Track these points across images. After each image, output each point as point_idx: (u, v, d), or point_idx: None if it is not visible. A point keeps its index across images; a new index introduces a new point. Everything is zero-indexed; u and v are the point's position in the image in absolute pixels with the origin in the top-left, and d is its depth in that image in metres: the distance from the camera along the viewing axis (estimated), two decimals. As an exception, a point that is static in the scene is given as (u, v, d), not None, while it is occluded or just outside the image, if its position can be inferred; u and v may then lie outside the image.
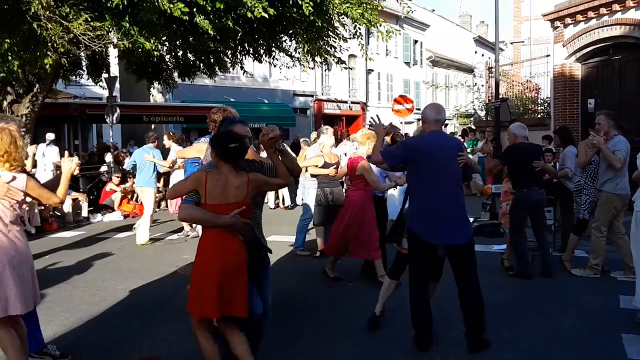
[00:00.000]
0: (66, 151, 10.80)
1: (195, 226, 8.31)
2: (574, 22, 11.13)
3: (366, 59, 12.97)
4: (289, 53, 10.92)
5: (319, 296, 5.45)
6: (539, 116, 14.07)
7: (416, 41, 33.93)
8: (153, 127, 17.71)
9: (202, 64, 11.57)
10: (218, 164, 3.10)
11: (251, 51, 10.97)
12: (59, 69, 9.55)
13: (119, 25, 7.20)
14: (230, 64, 11.70)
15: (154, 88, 15.12)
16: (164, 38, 8.41)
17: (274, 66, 11.76)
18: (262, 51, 10.89)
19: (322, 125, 10.61)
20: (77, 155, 11.79)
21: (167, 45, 9.46)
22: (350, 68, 23.05)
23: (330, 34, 10.00)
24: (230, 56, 11.25)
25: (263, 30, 9.42)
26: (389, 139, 6.02)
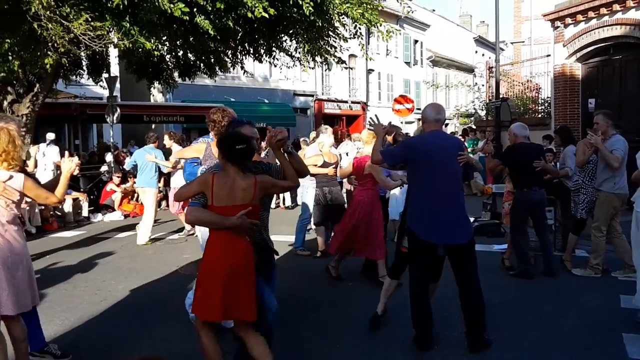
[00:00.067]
0: (66, 151, 10.83)
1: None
2: (574, 22, 11.12)
3: (366, 58, 12.96)
4: (290, 53, 10.91)
5: (319, 296, 5.45)
6: (539, 116, 14.06)
7: (416, 41, 33.92)
8: (153, 127, 17.71)
9: (202, 64, 11.57)
10: (225, 166, 3.07)
11: (251, 51, 10.96)
12: (59, 68, 9.55)
13: (120, 25, 7.20)
14: (230, 64, 11.69)
15: (154, 88, 15.10)
16: (164, 38, 8.41)
17: (275, 66, 11.73)
18: (262, 51, 10.87)
19: (321, 125, 10.60)
20: (78, 155, 11.83)
21: (168, 45, 9.45)
22: (350, 68, 23.02)
23: (330, 33, 9.99)
24: (230, 56, 11.24)
25: (263, 30, 9.42)
26: (390, 138, 6.01)
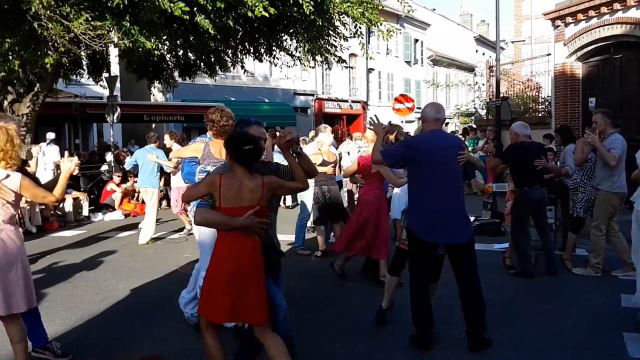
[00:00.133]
0: (66, 151, 10.77)
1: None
2: (574, 21, 11.12)
3: (367, 58, 12.94)
4: (290, 52, 10.91)
5: (319, 296, 5.45)
6: (539, 115, 14.05)
7: (417, 40, 33.90)
8: (154, 126, 17.72)
9: (202, 63, 11.57)
10: (232, 167, 3.04)
11: (252, 50, 10.96)
12: (59, 68, 9.56)
13: (120, 24, 7.20)
14: (230, 63, 11.69)
15: (154, 87, 15.10)
16: (164, 37, 8.41)
17: (275, 65, 11.73)
18: (262, 50, 10.88)
19: (321, 124, 10.59)
20: (78, 154, 11.85)
21: (168, 44, 9.46)
22: (350, 67, 23.01)
23: (330, 33, 9.99)
24: (230, 55, 11.24)
25: (264, 30, 9.41)
26: (392, 137, 6.01)
